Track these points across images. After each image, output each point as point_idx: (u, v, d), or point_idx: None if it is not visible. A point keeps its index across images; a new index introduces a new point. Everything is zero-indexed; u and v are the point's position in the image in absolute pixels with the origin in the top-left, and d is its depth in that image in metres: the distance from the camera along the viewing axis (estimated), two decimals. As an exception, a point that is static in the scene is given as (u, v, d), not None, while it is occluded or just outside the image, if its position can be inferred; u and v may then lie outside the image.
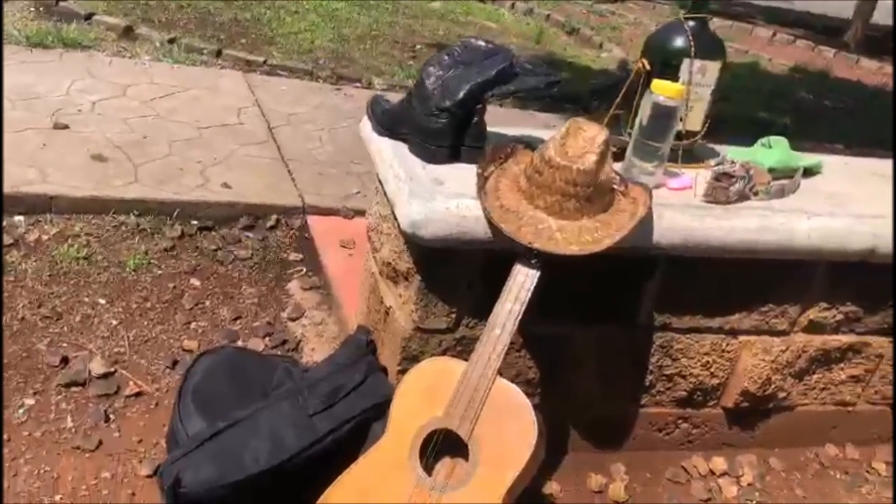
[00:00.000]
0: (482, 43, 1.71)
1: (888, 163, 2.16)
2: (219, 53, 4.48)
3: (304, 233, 2.54)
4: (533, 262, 1.44)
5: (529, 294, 1.43)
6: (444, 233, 1.46)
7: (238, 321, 2.12)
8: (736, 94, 6.08)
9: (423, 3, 6.89)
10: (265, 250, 2.44)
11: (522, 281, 1.44)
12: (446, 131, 1.60)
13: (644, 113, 1.65)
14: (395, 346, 1.66)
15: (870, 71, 8.00)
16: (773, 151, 1.90)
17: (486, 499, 1.31)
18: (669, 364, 1.82)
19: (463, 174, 1.56)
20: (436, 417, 1.37)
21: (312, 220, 2.59)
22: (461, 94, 1.58)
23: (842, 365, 1.98)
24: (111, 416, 1.71)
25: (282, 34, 5.13)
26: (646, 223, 1.57)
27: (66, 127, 2.90)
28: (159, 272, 2.23)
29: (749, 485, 1.93)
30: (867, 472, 2.06)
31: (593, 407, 1.85)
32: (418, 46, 5.44)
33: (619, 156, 1.67)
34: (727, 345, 1.84)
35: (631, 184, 1.60)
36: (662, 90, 1.63)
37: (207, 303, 2.16)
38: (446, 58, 1.67)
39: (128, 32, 4.43)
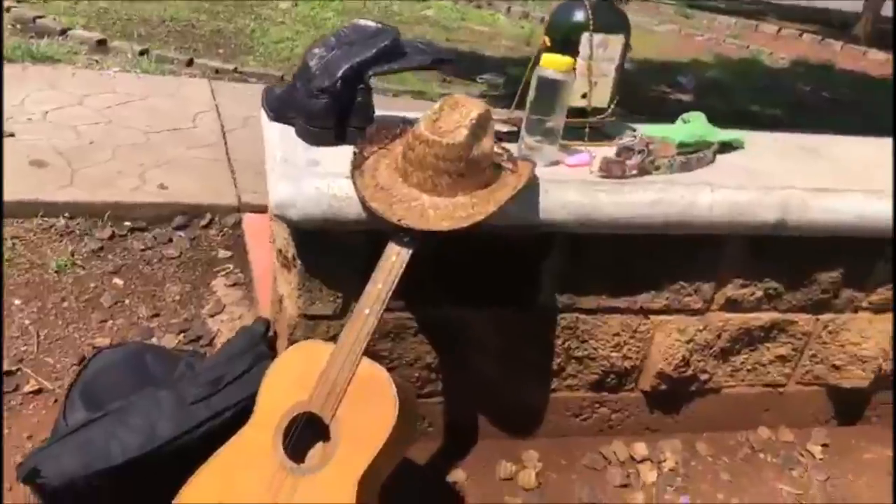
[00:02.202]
0: (371, 23, 1.68)
1: (818, 137, 2.11)
2: (190, 63, 4.51)
3: (237, 231, 2.53)
4: (405, 240, 1.41)
5: (400, 274, 1.39)
6: (315, 213, 1.43)
7: (156, 318, 2.10)
8: (730, 90, 6.03)
9: (417, 10, 6.91)
10: (195, 249, 2.43)
11: (394, 260, 1.40)
12: (328, 112, 1.57)
13: (533, 88, 1.62)
14: (284, 334, 1.63)
15: (876, 62, 7.89)
16: (687, 126, 1.86)
17: (342, 480, 1.27)
18: (577, 346, 1.78)
19: (344, 155, 1.53)
20: (301, 401, 1.33)
21: (247, 219, 2.58)
22: (340, 73, 1.55)
23: (767, 344, 1.92)
24: (5, 414, 1.69)
25: (262, 44, 5.17)
26: (532, 199, 1.54)
27: (11, 135, 2.91)
28: (82, 272, 2.22)
29: (671, 470, 1.88)
30: (800, 454, 2.00)
31: (501, 393, 1.80)
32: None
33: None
34: (639, 325, 1.79)
35: (520, 160, 1.56)
36: (549, 64, 1.59)
37: (127, 301, 2.15)
38: (332, 39, 1.65)
39: (100, 46, 4.48)
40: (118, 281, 2.22)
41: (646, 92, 5.36)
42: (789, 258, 1.79)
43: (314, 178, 1.44)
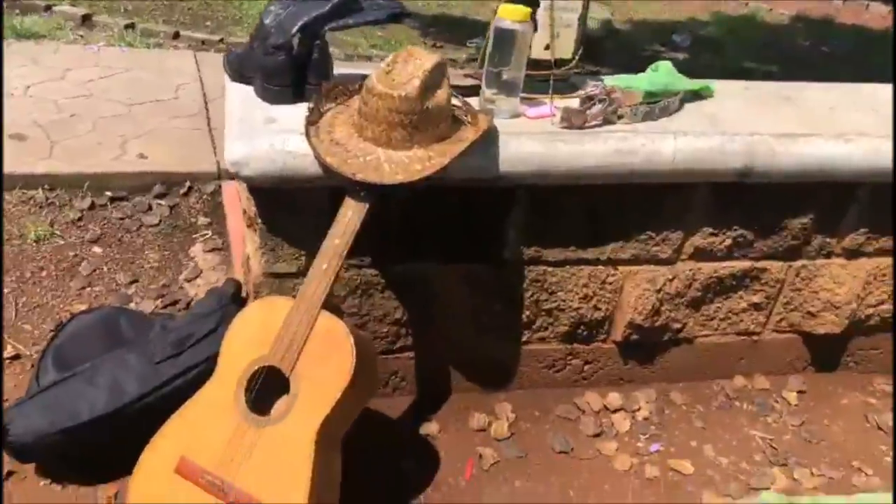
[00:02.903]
0: (327, -21, 1.67)
1: (792, 85, 2.08)
2: (176, 35, 4.48)
3: (217, 198, 2.53)
4: (362, 195, 1.41)
5: (357, 228, 1.40)
6: (270, 171, 1.44)
7: (134, 285, 2.12)
8: (727, 47, 5.95)
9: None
10: (174, 217, 2.44)
11: (351, 215, 1.41)
12: (284, 69, 1.57)
13: (489, 39, 1.60)
14: (251, 293, 1.64)
15: (878, 16, 7.74)
16: (653, 76, 1.84)
17: (302, 430, 1.29)
18: (546, 298, 1.78)
19: (302, 113, 1.52)
20: (261, 355, 1.35)
21: (227, 186, 2.58)
22: (294, 29, 1.54)
23: (740, 293, 1.92)
24: (-17, 379, 1.73)
25: (251, 14, 5.10)
26: (491, 152, 1.53)
27: (-9, 111, 2.91)
28: (61, 242, 2.24)
29: (645, 419, 1.89)
30: (776, 401, 2.01)
31: (472, 347, 1.82)
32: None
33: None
34: (608, 276, 1.79)
35: (479, 114, 1.56)
36: (505, 14, 1.57)
37: (105, 269, 2.17)
38: (288, -4, 1.64)
39: (86, 21, 4.46)
40: (97, 249, 2.24)
41: (639, 51, 5.30)
42: (758, 205, 1.79)
43: (269, 135, 1.44)
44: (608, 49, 5.20)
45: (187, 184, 2.58)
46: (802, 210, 1.81)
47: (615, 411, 1.90)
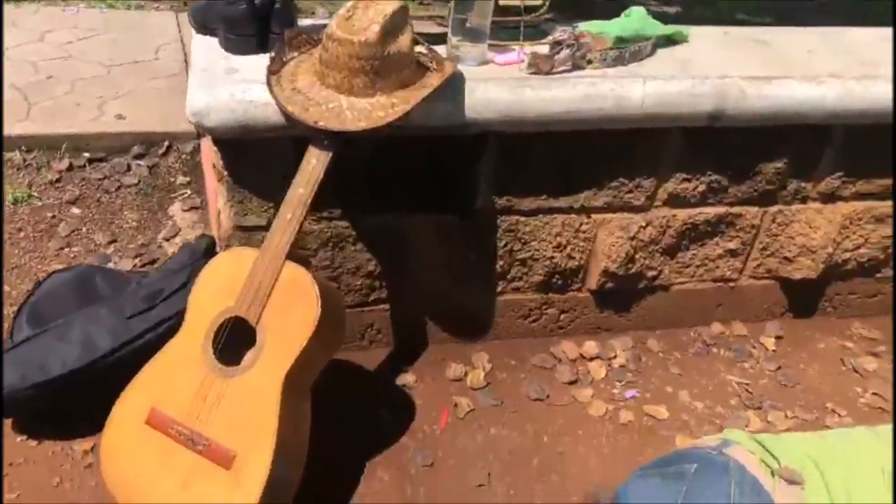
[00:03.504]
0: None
1: (771, 29, 2.05)
2: (159, -5, 4.41)
3: (196, 157, 2.52)
4: (325, 143, 1.40)
5: (321, 178, 1.39)
6: (231, 121, 1.43)
7: (112, 245, 2.13)
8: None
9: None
10: (153, 177, 2.43)
11: (314, 164, 1.40)
12: (246, 18, 1.55)
13: (456, -15, 1.58)
14: (222, 247, 1.64)
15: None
16: (625, 21, 1.81)
17: (268, 380, 1.30)
18: (520, 248, 1.78)
19: (264, 62, 1.51)
20: (228, 306, 1.35)
21: (205, 143, 2.56)
22: (257, -23, 1.52)
23: (716, 239, 1.92)
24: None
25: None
26: (458, 99, 1.52)
27: (-33, 75, 2.89)
28: (39, 203, 2.24)
29: (621, 366, 1.91)
30: (753, 347, 2.02)
31: (447, 297, 1.82)
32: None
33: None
34: (581, 224, 1.79)
35: (445, 60, 1.54)
36: (470, -42, 1.55)
37: (84, 229, 2.17)
38: (250, -56, 1.61)
39: (67, -18, 4.38)
40: (75, 210, 2.24)
41: (627, 5, 5.22)
42: (731, 150, 1.77)
43: (230, 85, 1.43)
44: (596, 1, 5.12)
45: (166, 143, 2.56)
46: (776, 154, 1.80)
47: (591, 359, 1.91)
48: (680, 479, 1.13)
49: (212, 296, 1.38)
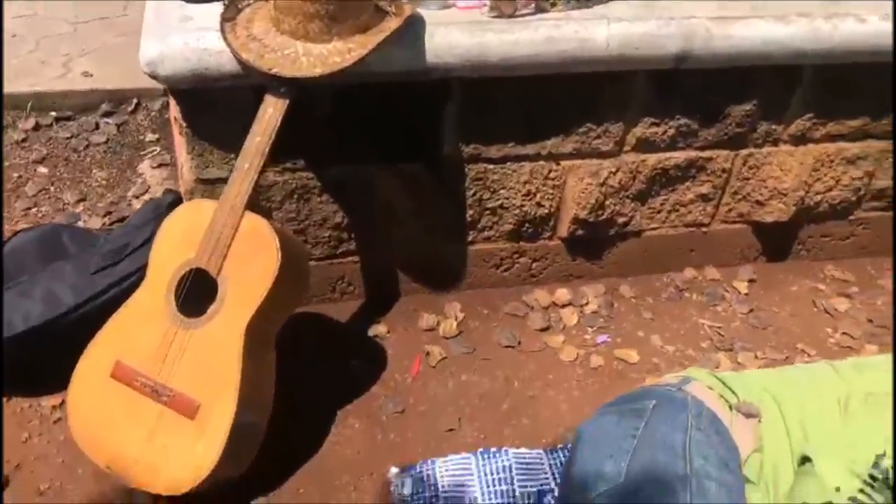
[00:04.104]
0: None
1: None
2: (129, -48, 4.30)
3: (165, 114, 2.49)
4: (282, 91, 1.38)
5: (279, 125, 1.37)
6: (185, 70, 1.40)
7: (81, 203, 2.11)
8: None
9: None
10: (122, 134, 2.40)
11: (271, 112, 1.38)
12: (200, -34, 1.51)
13: (414, -74, 1.54)
14: (186, 201, 1.63)
15: None
16: (591, -38, 1.78)
17: (230, 330, 1.30)
18: (489, 197, 1.77)
19: (219, 10, 1.47)
20: (189, 258, 1.35)
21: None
22: (207, -77, 1.48)
23: (687, 184, 1.91)
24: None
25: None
26: (419, 44, 1.49)
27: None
28: (6, 164, 2.21)
29: (593, 313, 1.91)
30: (726, 291, 2.03)
31: (418, 248, 1.82)
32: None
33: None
34: (550, 171, 1.78)
35: (405, 4, 1.51)
36: None
37: (52, 189, 2.14)
38: None
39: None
40: (43, 169, 2.21)
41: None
42: (699, 92, 1.75)
43: (183, 33, 1.40)
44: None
45: (135, 101, 2.52)
46: (745, 96, 1.79)
47: (563, 306, 1.92)
48: (638, 415, 1.13)
49: (172, 248, 1.37)
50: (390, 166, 1.68)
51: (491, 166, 1.73)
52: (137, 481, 1.33)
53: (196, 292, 1.37)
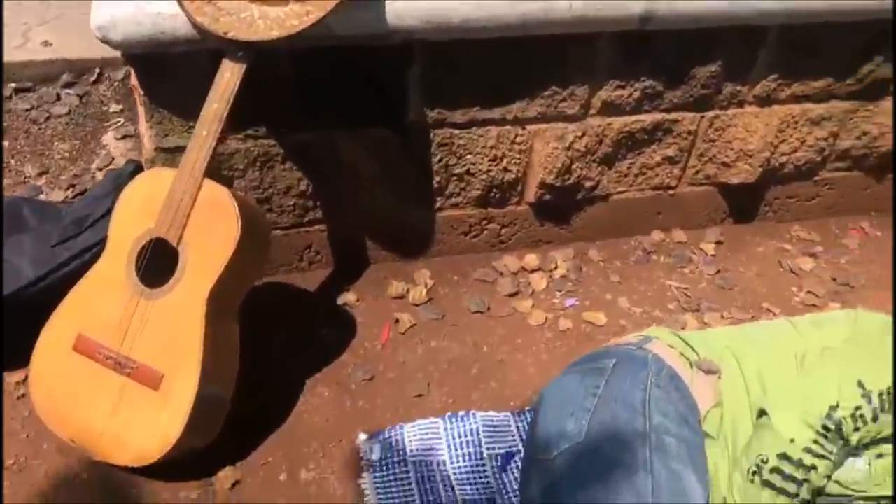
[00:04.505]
0: None
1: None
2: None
3: (128, 84, 2.44)
4: (239, 55, 1.35)
5: (236, 90, 1.35)
6: (138, 35, 1.37)
7: (44, 176, 2.07)
8: None
9: None
10: (85, 105, 2.35)
11: (228, 77, 1.35)
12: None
13: None
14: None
15: None
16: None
17: (191, 300, 1.29)
18: (456, 162, 1.77)
19: (175, -26, 1.44)
20: (149, 228, 1.33)
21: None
22: None
23: (653, 147, 1.92)
24: None
25: None
26: (380, 6, 1.47)
27: None
28: (-38, 137, 2.16)
29: (562, 277, 1.92)
30: (693, 253, 2.05)
31: (385, 216, 1.81)
32: None
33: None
34: (516, 136, 1.77)
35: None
36: None
37: (13, 162, 2.10)
38: None
39: None
40: (3, 143, 2.16)
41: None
42: (664, 54, 1.75)
43: (136, -2, 1.37)
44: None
45: (97, 71, 2.47)
46: (710, 57, 1.78)
47: (532, 271, 1.92)
48: (599, 374, 1.15)
49: (132, 218, 1.35)
50: (355, 131, 1.66)
51: (457, 131, 1.72)
52: (103, 454, 1.33)
53: (158, 262, 1.36)
